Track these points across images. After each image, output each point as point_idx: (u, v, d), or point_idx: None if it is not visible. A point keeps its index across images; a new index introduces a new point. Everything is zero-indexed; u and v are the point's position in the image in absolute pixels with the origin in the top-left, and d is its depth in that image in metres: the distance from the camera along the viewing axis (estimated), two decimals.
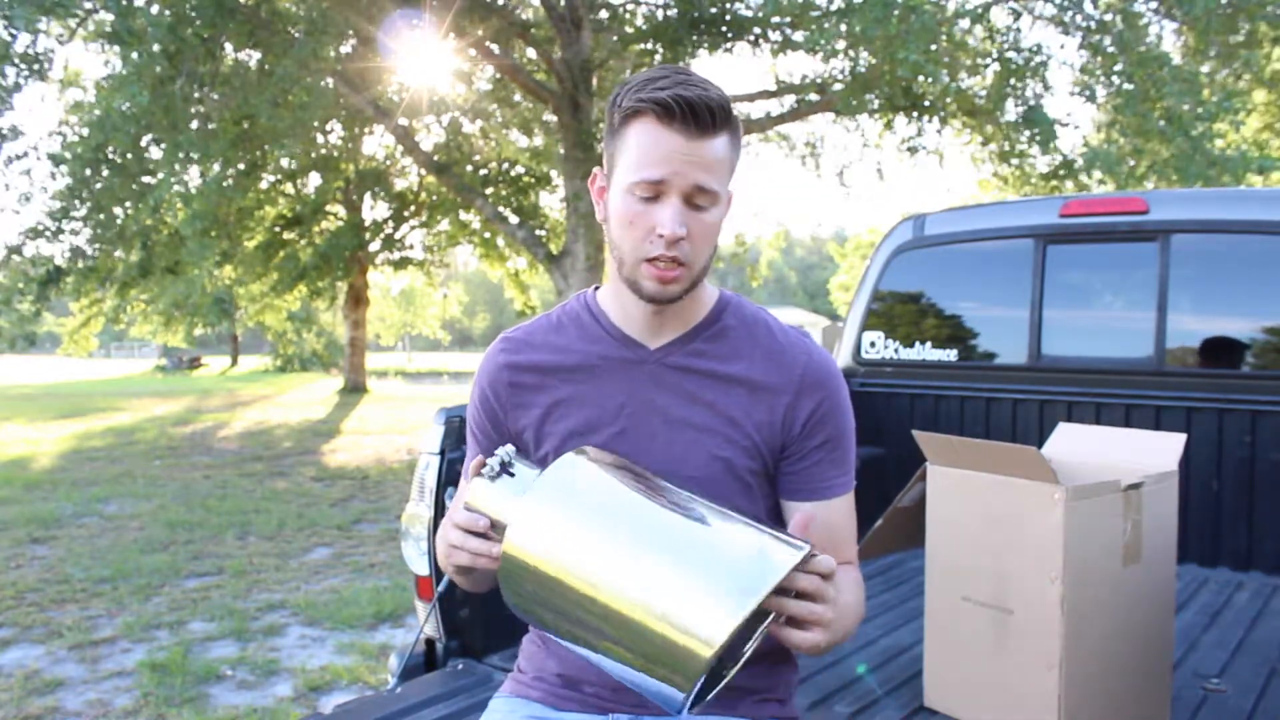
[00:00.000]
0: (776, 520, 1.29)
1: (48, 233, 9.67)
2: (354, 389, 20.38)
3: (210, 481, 8.59)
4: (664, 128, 1.10)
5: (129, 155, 9.27)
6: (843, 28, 8.33)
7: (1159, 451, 1.88)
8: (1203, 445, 2.84)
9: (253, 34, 9.31)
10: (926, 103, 9.69)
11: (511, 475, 1.08)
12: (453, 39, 10.36)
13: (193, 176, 9.30)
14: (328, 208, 17.61)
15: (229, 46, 9.50)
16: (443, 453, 2.15)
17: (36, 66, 8.26)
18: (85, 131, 9.46)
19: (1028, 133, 9.24)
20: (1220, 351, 2.89)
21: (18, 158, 9.19)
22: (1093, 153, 8.71)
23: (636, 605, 0.91)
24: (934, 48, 7.78)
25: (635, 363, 1.23)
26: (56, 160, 9.18)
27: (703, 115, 1.09)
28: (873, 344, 3.50)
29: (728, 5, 10.82)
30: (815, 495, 1.25)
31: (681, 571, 0.91)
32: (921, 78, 8.07)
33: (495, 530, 1.07)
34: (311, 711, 3.37)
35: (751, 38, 11.03)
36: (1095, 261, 3.14)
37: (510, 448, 1.10)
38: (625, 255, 1.15)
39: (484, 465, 1.09)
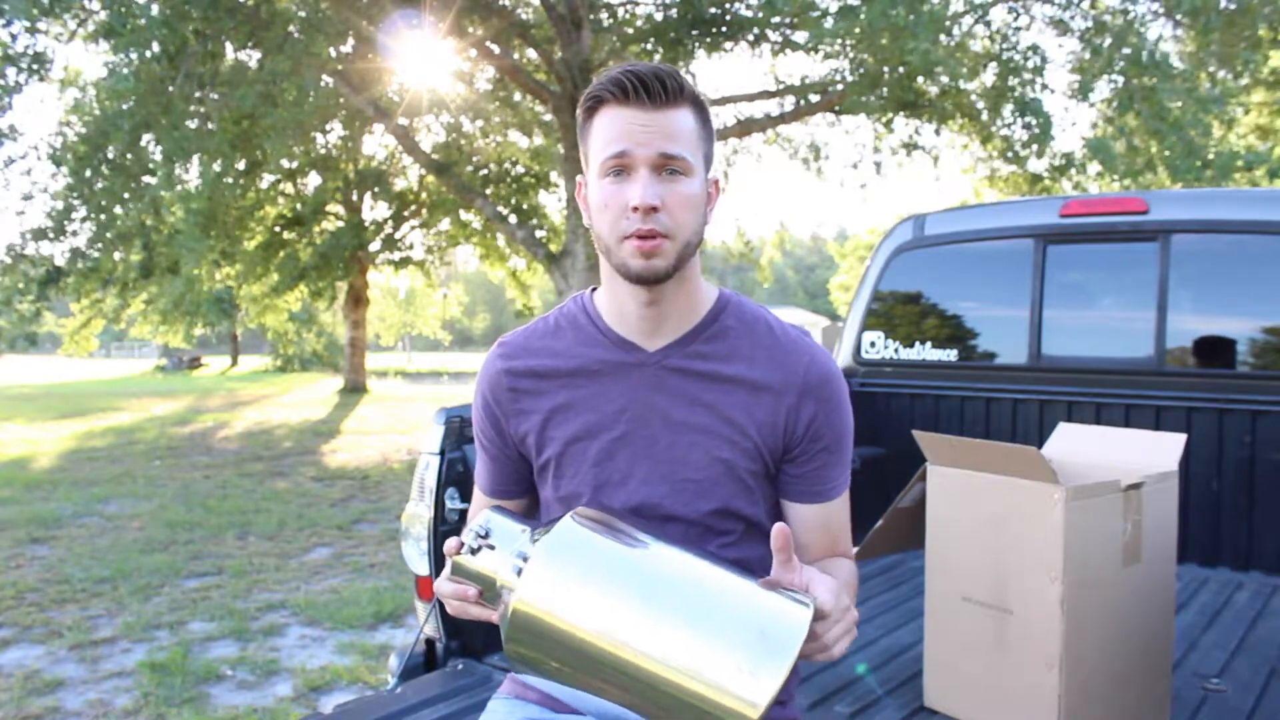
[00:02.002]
0: (775, 519, 1.29)
1: (49, 233, 9.67)
2: (354, 389, 20.37)
3: (210, 481, 8.59)
4: (621, 106, 1.12)
5: (129, 155, 9.28)
6: (842, 26, 8.32)
7: (1159, 451, 1.88)
8: (1203, 445, 2.84)
9: (252, 34, 9.31)
10: (926, 103, 9.68)
11: (492, 548, 1.08)
12: (453, 39, 10.37)
13: (191, 176, 9.30)
14: (328, 208, 17.61)
15: (229, 47, 9.50)
16: (443, 453, 2.15)
17: (36, 66, 8.26)
18: (85, 132, 9.47)
19: (1025, 132, 9.24)
20: (1220, 351, 2.89)
21: (19, 158, 9.20)
22: (1092, 144, 8.68)
23: (673, 669, 0.93)
24: (943, 39, 7.77)
25: (634, 366, 1.22)
26: (56, 160, 9.18)
27: (654, 87, 1.11)
28: (873, 344, 3.50)
29: (727, 5, 10.82)
30: (820, 498, 1.25)
31: (711, 634, 0.94)
32: (924, 76, 8.07)
33: (486, 596, 1.09)
34: (311, 711, 3.37)
35: (751, 38, 11.03)
36: (1095, 261, 3.14)
37: (489, 514, 1.10)
38: (608, 241, 1.15)
39: (461, 546, 1.09)
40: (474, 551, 1.08)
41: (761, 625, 0.93)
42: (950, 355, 3.35)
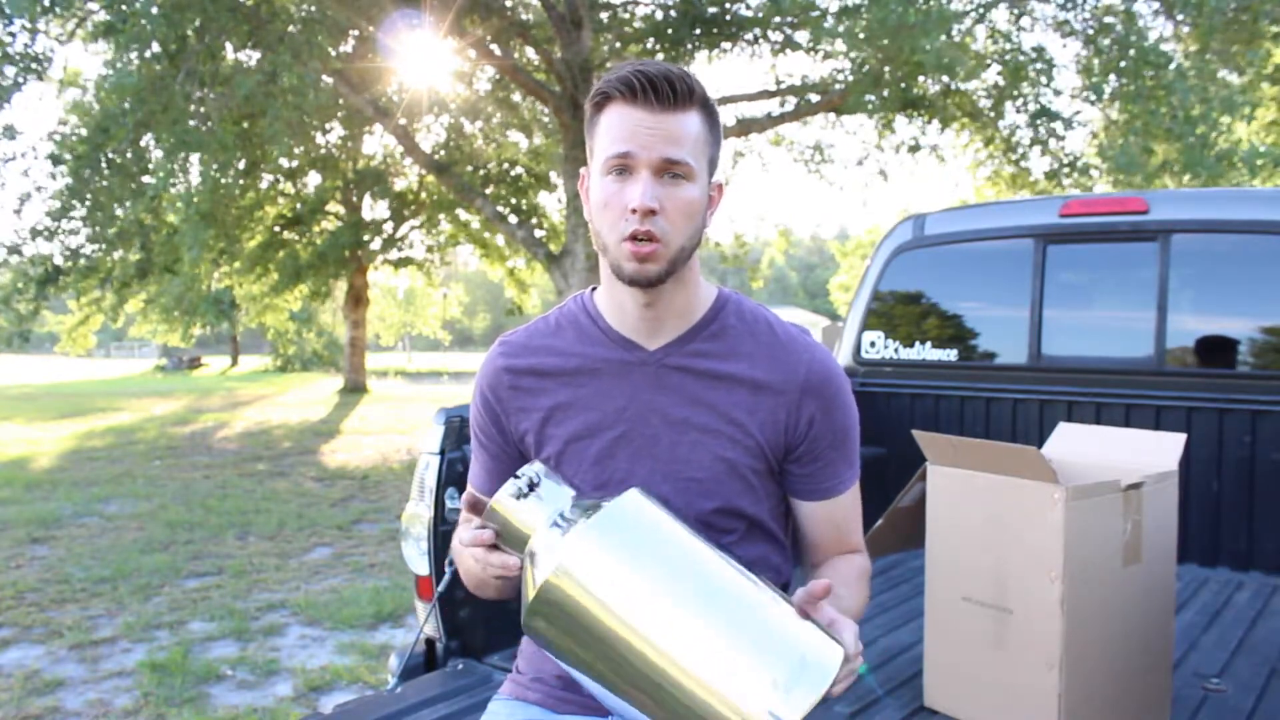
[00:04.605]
0: (780, 518, 1.29)
1: (46, 232, 9.67)
2: (354, 389, 20.37)
3: (210, 481, 8.59)
4: (629, 105, 1.12)
5: (128, 155, 9.27)
6: (843, 27, 8.32)
7: (1159, 451, 1.88)
8: (1203, 445, 2.84)
9: (252, 34, 9.30)
10: (926, 103, 9.67)
11: (540, 498, 1.04)
12: (453, 39, 10.37)
13: (192, 176, 9.30)
14: (327, 207, 17.61)
15: (229, 46, 9.50)
16: (443, 453, 2.15)
17: (35, 66, 8.25)
18: (84, 131, 9.46)
19: (1032, 132, 9.23)
20: (1220, 351, 2.89)
21: (19, 156, 9.20)
22: (1104, 150, 8.65)
23: (692, 674, 0.90)
24: (949, 37, 7.76)
25: (635, 364, 1.22)
26: (55, 160, 9.17)
27: (663, 88, 1.10)
28: (873, 344, 3.50)
29: (728, 5, 10.82)
30: (827, 494, 1.25)
31: (744, 650, 0.91)
32: (927, 75, 8.05)
33: (505, 541, 1.05)
34: (311, 711, 3.37)
35: (751, 37, 11.03)
36: (1095, 261, 3.14)
37: (540, 466, 1.07)
38: (606, 239, 1.15)
39: (512, 481, 1.05)
40: (520, 496, 1.03)
41: (803, 652, 0.91)
42: (950, 355, 3.35)
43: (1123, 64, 8.43)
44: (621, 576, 0.93)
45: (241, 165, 11.51)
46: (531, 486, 1.04)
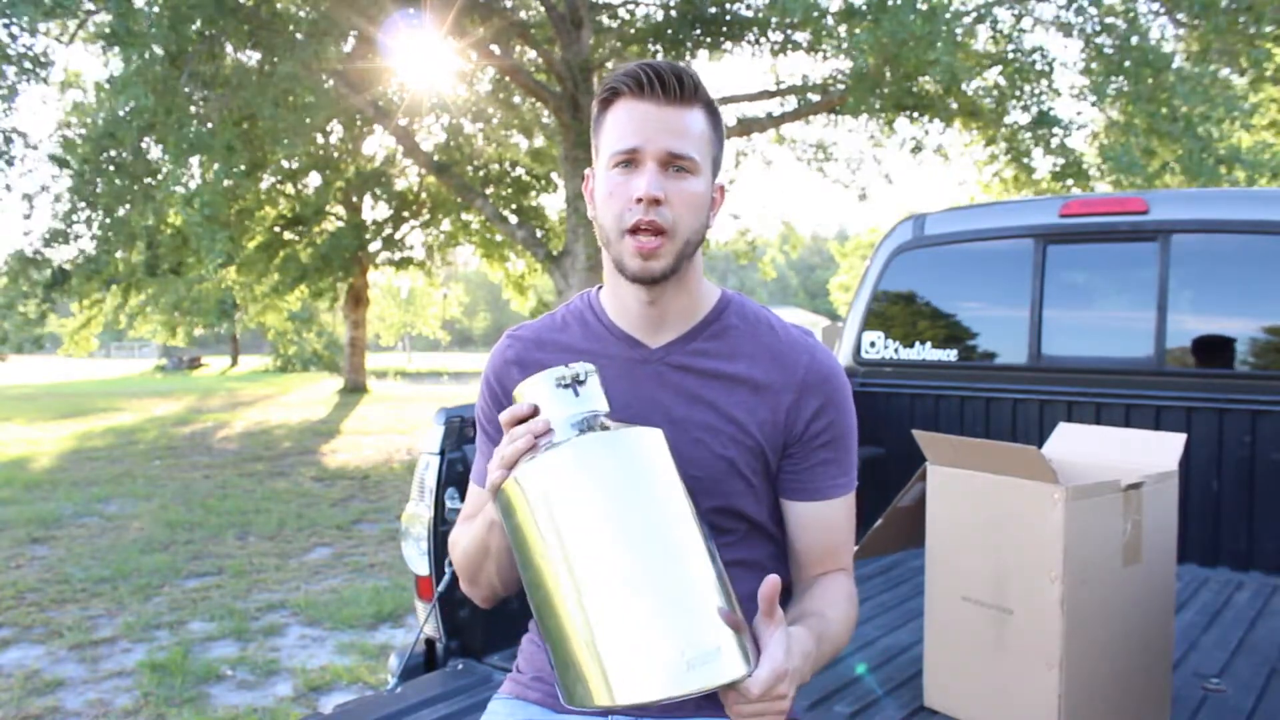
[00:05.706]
0: (779, 520, 1.29)
1: (59, 236, 9.67)
2: (354, 389, 20.37)
3: (210, 481, 8.59)
4: (636, 100, 1.13)
5: (131, 156, 9.26)
6: (843, 29, 8.31)
7: (1159, 451, 1.88)
8: (1203, 445, 2.84)
9: (252, 34, 9.30)
10: (927, 103, 9.66)
11: (576, 395, 1.02)
12: (453, 39, 10.37)
13: (194, 176, 9.29)
14: (328, 208, 17.60)
15: (229, 47, 9.49)
16: (443, 453, 2.15)
17: (35, 68, 8.25)
18: (84, 132, 9.46)
19: (1032, 134, 9.22)
20: (1220, 351, 2.89)
21: (20, 159, 9.19)
22: (1107, 152, 8.64)
23: (581, 619, 0.91)
24: (952, 37, 7.74)
25: (638, 362, 1.23)
26: (60, 163, 9.17)
27: (670, 82, 1.12)
28: (873, 344, 3.50)
29: (728, 5, 10.82)
30: (816, 496, 1.24)
31: (644, 616, 0.90)
32: (929, 78, 8.04)
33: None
34: (311, 711, 3.37)
35: (752, 37, 11.03)
36: (1095, 261, 3.14)
37: (593, 367, 1.05)
38: (609, 232, 1.16)
39: (559, 368, 1.04)
40: (561, 385, 1.02)
41: (690, 652, 0.89)
42: (950, 355, 3.35)
43: (1125, 64, 8.42)
44: (591, 504, 0.94)
45: (242, 166, 11.51)
46: (577, 381, 1.02)
